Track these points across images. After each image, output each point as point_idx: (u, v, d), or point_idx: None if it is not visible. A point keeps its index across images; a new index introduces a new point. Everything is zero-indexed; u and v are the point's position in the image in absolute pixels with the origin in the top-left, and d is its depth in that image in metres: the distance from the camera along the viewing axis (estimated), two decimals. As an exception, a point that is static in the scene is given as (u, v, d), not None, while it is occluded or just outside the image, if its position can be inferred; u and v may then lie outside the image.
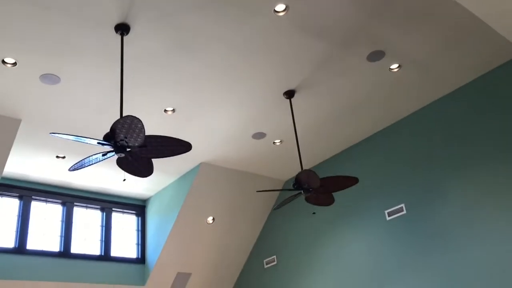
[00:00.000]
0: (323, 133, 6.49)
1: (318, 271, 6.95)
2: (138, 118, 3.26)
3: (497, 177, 5.29)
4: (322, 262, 6.93)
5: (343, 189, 4.62)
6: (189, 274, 7.61)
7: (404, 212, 6.11)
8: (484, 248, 5.24)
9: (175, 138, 3.69)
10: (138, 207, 7.84)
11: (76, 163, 3.79)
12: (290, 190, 4.84)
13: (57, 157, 6.19)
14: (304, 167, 7.32)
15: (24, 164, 6.30)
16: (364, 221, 6.56)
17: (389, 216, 6.27)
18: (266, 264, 7.86)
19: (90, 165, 3.81)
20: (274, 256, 7.76)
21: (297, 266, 7.32)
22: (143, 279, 7.29)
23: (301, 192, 4.93)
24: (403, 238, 6.04)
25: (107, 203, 7.48)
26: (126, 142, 3.49)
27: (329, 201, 5.06)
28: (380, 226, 6.33)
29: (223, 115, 5.74)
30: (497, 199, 5.24)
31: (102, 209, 7.45)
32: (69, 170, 3.83)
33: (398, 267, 6.00)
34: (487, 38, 4.93)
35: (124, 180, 4.23)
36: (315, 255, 7.07)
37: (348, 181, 4.57)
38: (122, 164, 3.91)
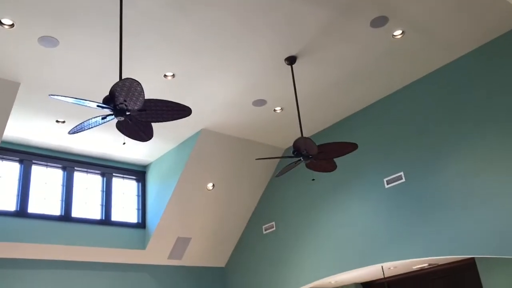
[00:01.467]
0: (324, 100, 6.45)
1: (316, 238, 7.04)
2: (137, 81, 3.23)
3: (496, 146, 5.29)
4: (320, 229, 7.01)
5: (342, 155, 4.62)
6: (189, 239, 7.72)
7: (403, 180, 6.14)
8: (482, 216, 5.29)
9: (175, 102, 3.65)
10: (138, 172, 7.88)
11: (76, 126, 3.77)
12: (289, 157, 4.84)
13: (57, 121, 6.17)
14: (304, 135, 7.31)
15: (24, 128, 6.29)
16: (363, 189, 6.60)
17: (387, 184, 6.31)
18: (265, 230, 7.96)
19: (89, 128, 3.79)
20: (273, 222, 7.85)
21: (295, 232, 7.40)
22: (143, 243, 7.39)
23: (300, 159, 4.94)
24: (402, 206, 6.09)
25: (108, 168, 7.51)
26: (126, 106, 3.46)
27: (330, 168, 5.07)
28: (379, 194, 6.38)
29: (223, 81, 5.70)
30: (495, 167, 5.27)
31: (102, 174, 7.49)
32: (69, 133, 3.82)
33: (396, 235, 6.07)
34: (492, 4, 4.84)
35: (124, 143, 4.22)
36: (313, 222, 7.14)
37: (347, 147, 4.55)
38: (121, 128, 3.89)
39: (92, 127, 3.79)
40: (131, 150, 7.30)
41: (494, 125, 5.35)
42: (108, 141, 6.90)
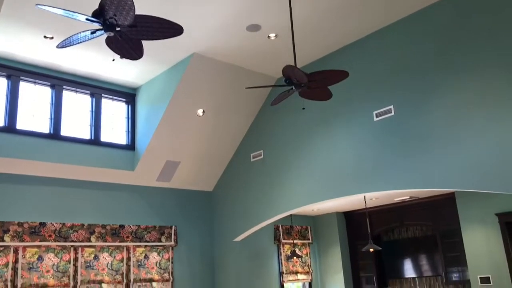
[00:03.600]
0: (319, 29, 6.32)
1: (303, 166, 7.18)
2: (128, -5, 3.11)
3: (486, 83, 5.30)
4: (307, 158, 7.13)
5: (333, 83, 4.58)
6: (177, 163, 7.83)
7: (392, 113, 6.19)
8: (466, 151, 5.40)
9: (166, 20, 3.55)
10: (128, 95, 7.82)
11: (64, 40, 3.67)
12: (280, 86, 4.80)
13: (45, 37, 6.01)
14: (298, 65, 7.23)
15: (11, 43, 6.12)
16: (351, 121, 6.65)
17: (377, 117, 6.35)
18: (253, 158, 8.08)
19: (78, 43, 3.70)
20: (261, 151, 7.95)
21: (282, 160, 7.53)
22: (132, 165, 7.49)
23: (292, 88, 4.90)
24: (389, 139, 6.18)
25: (97, 89, 7.44)
26: (116, 20, 3.36)
27: (326, 96, 5.03)
28: (368, 126, 6.44)
29: (217, 2, 5.52)
30: (483, 105, 5.31)
31: (91, 95, 7.42)
32: (57, 46, 3.73)
33: (381, 166, 6.20)
34: None
35: (113, 60, 4.15)
36: (300, 151, 7.25)
37: (338, 75, 4.51)
38: (111, 44, 3.80)
39: (81, 42, 3.70)
40: (121, 71, 7.19)
41: (484, 62, 5.33)
42: (97, 60, 6.78)
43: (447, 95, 5.65)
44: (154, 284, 7.54)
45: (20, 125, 6.55)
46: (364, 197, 7.61)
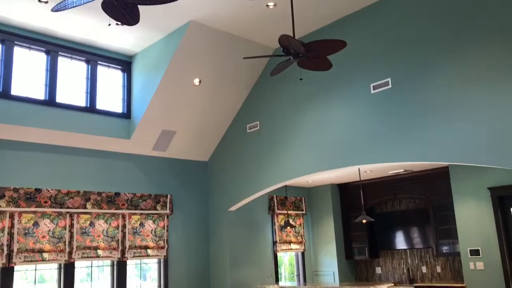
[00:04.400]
0: (319, -1, 6.24)
1: (299, 138, 7.19)
2: (124, -43, 3.05)
3: (484, 58, 5.28)
4: (303, 130, 7.14)
5: (331, 53, 4.55)
6: (173, 132, 7.82)
7: (390, 86, 6.17)
8: (461, 126, 5.42)
9: (163, -16, 3.50)
10: (124, 62, 7.74)
11: (59, 3, 3.61)
12: (277, 56, 4.76)
13: (40, 1, 5.90)
14: (296, 35, 7.15)
15: (5, 7, 6.01)
16: (348, 93, 6.64)
17: (374, 89, 6.34)
18: (249, 129, 8.08)
19: (73, 6, 3.64)
20: (257, 122, 7.95)
21: (279, 132, 7.54)
22: (128, 133, 7.48)
23: (290, 58, 4.87)
24: (385, 112, 6.18)
25: (93, 56, 7.35)
26: (111, -16, 3.31)
27: (325, 66, 4.99)
28: (364, 98, 6.43)
29: (215, -31, 5.42)
30: (482, 79, 5.30)
31: (87, 61, 7.35)
32: (52, 10, 3.67)
33: (376, 139, 6.22)
34: None
35: (109, 25, 4.09)
36: (297, 123, 7.25)
37: (336, 45, 4.46)
38: (107, 9, 3.74)
39: (76, 6, 3.64)
40: (117, 38, 7.10)
41: (483, 37, 5.29)
42: (93, 26, 6.68)
43: (445, 69, 5.63)
44: (149, 251, 7.64)
45: (15, 91, 6.50)
46: (359, 169, 7.66)
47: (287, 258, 9.88)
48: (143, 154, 7.90)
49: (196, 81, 7.37)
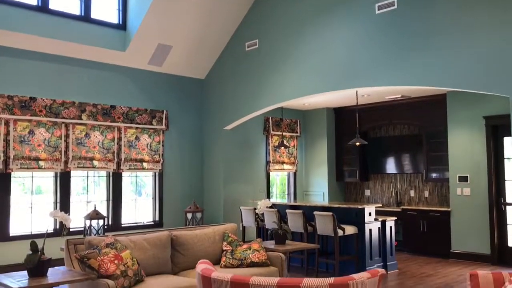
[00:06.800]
0: None
1: (298, 58, 7.06)
2: None
3: (499, -21, 5.09)
4: (303, 50, 6.99)
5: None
6: (170, 47, 7.63)
7: (395, 7, 5.98)
8: (463, 52, 5.33)
9: None
10: (119, -30, 7.38)
11: None
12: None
13: None
14: None
15: None
16: (352, 13, 6.44)
17: (378, 9, 6.14)
18: (248, 47, 7.90)
19: None
20: (256, 40, 7.76)
21: (278, 52, 7.39)
22: (123, 45, 7.29)
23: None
24: (388, 34, 6.04)
25: (87, -40, 6.98)
26: None
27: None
28: (368, 19, 6.25)
29: None
30: (490, 4, 5.15)
31: (81, -34, 6.99)
32: None
33: (377, 61, 6.12)
34: None
35: None
36: (297, 43, 7.08)
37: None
38: None
39: None
40: None
41: (502, -45, 5.06)
42: None
43: (455, -11, 5.43)
44: (145, 164, 7.74)
45: (6, -6, 6.22)
46: (356, 92, 7.61)
47: (279, 178, 10.10)
48: (139, 68, 7.76)
49: (195, -7, 7.08)
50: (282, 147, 8.90)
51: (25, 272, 3.47)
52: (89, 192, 7.34)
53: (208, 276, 2.13)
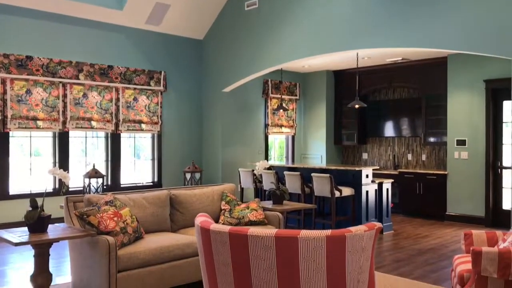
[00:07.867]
0: None
1: (298, 19, 6.94)
2: None
3: None
4: (305, 10, 6.87)
5: None
6: (167, 6, 7.49)
7: (399, -35, 5.84)
8: (465, 14, 5.25)
9: None
10: None
11: None
12: None
13: None
14: None
15: None
16: (355, -29, 6.29)
17: (382, -32, 6.00)
18: (247, 6, 7.75)
19: None
20: (256, -1, 7.62)
21: (278, 11, 7.25)
22: (120, 4, 7.15)
23: None
24: (390, -7, 5.93)
25: None
26: None
27: None
28: (370, -22, 6.12)
29: None
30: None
31: None
32: None
33: (377, 23, 6.03)
34: None
35: None
36: (298, 3, 6.95)
37: None
38: None
39: None
40: None
41: None
42: None
43: None
44: (143, 125, 7.73)
45: None
46: (357, 54, 7.52)
47: (277, 142, 10.11)
48: (136, 27, 7.64)
49: (193, -51, 6.88)
50: (281, 110, 8.88)
51: (25, 228, 3.50)
52: (87, 155, 7.35)
53: (207, 228, 2.15)
